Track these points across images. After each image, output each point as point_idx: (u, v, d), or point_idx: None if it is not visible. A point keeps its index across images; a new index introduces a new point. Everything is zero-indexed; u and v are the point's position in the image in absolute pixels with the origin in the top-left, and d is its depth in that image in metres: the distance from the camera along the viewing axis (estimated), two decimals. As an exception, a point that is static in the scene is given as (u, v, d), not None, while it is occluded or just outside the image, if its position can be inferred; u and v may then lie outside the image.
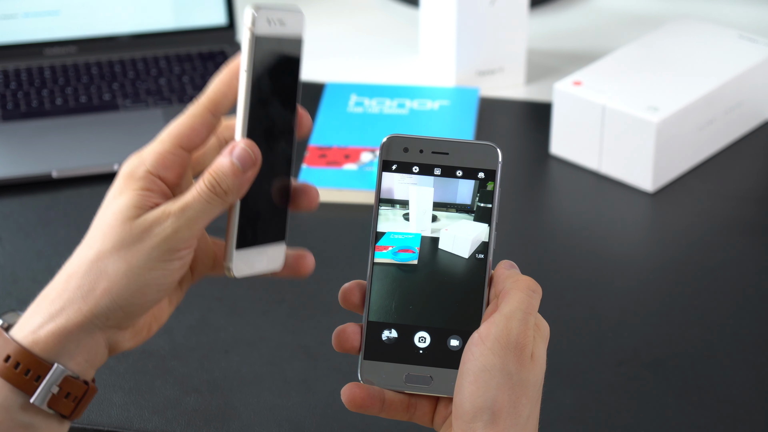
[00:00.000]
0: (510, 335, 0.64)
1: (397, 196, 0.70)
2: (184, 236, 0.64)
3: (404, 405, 0.68)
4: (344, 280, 1.00)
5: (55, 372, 0.64)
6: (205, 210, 0.64)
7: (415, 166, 0.69)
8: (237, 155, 0.65)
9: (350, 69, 1.33)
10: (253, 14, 0.66)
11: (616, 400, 0.86)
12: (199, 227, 0.65)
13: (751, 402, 0.85)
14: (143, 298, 0.65)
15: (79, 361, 0.65)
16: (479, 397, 0.64)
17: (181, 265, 0.65)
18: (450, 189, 0.69)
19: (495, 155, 0.69)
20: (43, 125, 1.20)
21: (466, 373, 0.64)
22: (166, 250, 0.64)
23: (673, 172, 1.11)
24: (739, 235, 1.04)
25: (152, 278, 0.64)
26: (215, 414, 0.85)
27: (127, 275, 0.64)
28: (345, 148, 1.15)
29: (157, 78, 1.27)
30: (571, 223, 1.09)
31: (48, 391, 0.64)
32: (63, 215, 1.10)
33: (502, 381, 0.64)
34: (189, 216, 0.64)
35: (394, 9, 1.47)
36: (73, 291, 0.65)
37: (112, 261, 0.65)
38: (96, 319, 0.64)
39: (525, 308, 0.66)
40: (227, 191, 0.65)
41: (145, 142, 1.29)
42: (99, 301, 0.64)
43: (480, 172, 0.69)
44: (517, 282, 0.67)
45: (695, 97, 1.09)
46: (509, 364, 0.64)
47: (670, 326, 0.93)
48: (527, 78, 1.30)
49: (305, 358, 0.90)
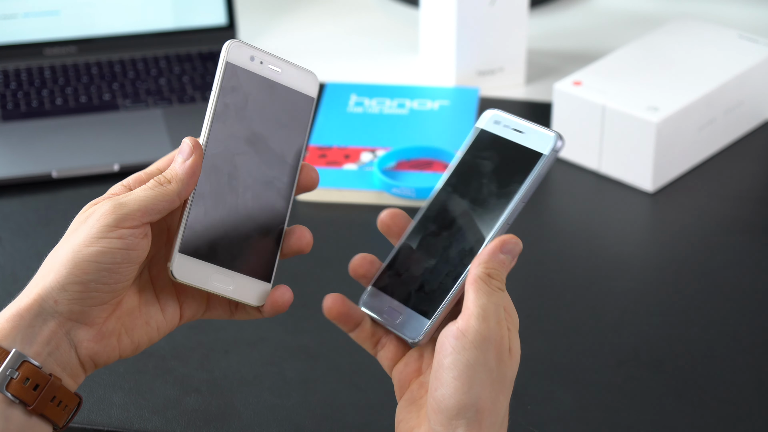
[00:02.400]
0: (490, 329, 0.64)
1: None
2: (122, 213, 0.66)
3: (376, 338, 0.72)
4: (344, 280, 1.01)
5: (11, 356, 0.64)
6: (145, 195, 0.67)
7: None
8: (180, 149, 0.69)
9: (350, 69, 1.33)
10: (229, 43, 0.71)
11: (616, 400, 0.86)
12: (137, 209, 0.66)
13: (751, 402, 0.85)
14: (84, 275, 0.65)
15: (39, 350, 0.65)
16: (465, 393, 0.64)
17: (120, 246, 0.65)
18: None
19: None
20: (43, 125, 1.20)
21: (448, 367, 0.64)
22: (104, 225, 0.65)
23: (673, 172, 1.11)
24: (739, 235, 1.04)
25: (90, 254, 0.65)
26: (215, 414, 0.85)
27: (68, 253, 0.65)
28: (345, 148, 1.15)
29: (157, 78, 1.27)
30: (571, 223, 1.09)
31: (5, 375, 0.64)
32: (63, 215, 1.09)
33: (485, 377, 0.64)
34: (130, 198, 0.66)
35: (394, 9, 1.47)
36: (30, 283, 0.67)
37: (61, 247, 0.67)
38: (45, 302, 0.65)
39: (497, 301, 0.66)
40: (170, 179, 0.67)
41: (145, 142, 1.29)
42: (45, 281, 0.66)
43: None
44: (486, 275, 0.67)
45: (695, 97, 1.09)
46: (490, 359, 0.64)
47: (670, 326, 0.93)
48: (527, 78, 1.30)
49: (305, 358, 0.90)
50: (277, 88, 0.73)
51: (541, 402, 0.86)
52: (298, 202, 1.09)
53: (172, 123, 1.20)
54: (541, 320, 0.94)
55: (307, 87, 0.74)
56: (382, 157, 1.12)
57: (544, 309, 0.95)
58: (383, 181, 1.08)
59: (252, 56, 0.72)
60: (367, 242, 1.05)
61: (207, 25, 1.34)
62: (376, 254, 0.75)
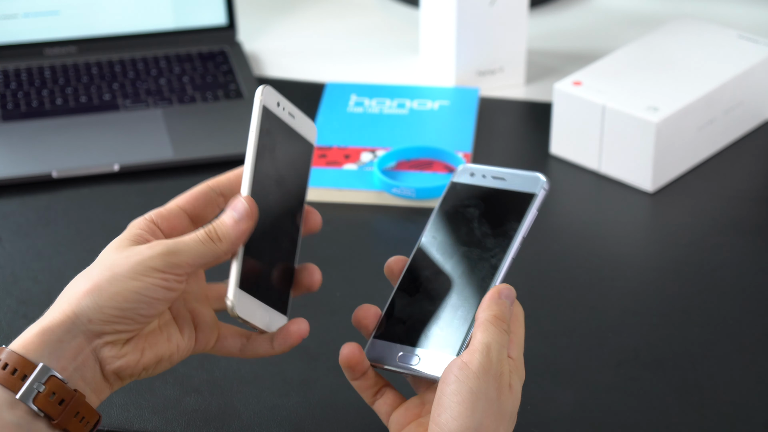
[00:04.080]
0: (492, 363, 0.69)
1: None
2: (170, 261, 0.69)
3: (376, 387, 0.75)
4: (344, 280, 1.01)
5: (39, 370, 0.66)
6: (196, 249, 0.70)
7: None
8: (234, 206, 0.71)
9: (350, 69, 1.33)
10: (263, 87, 0.74)
11: (616, 400, 0.86)
12: (187, 261, 0.69)
13: (751, 402, 0.85)
14: (122, 302, 0.68)
15: (66, 366, 0.67)
16: (468, 418, 0.67)
17: (163, 285, 0.69)
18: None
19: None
20: (43, 125, 1.20)
21: (452, 394, 0.68)
22: (150, 267, 0.68)
23: (673, 172, 1.11)
24: (739, 235, 1.04)
25: (132, 286, 0.68)
26: (215, 414, 0.85)
27: (109, 279, 0.68)
28: (345, 148, 1.15)
29: (157, 78, 1.27)
30: (571, 223, 1.09)
31: (32, 388, 0.66)
32: (63, 215, 1.10)
33: (487, 406, 0.68)
34: (179, 248, 0.69)
35: (394, 9, 1.47)
36: (61, 297, 0.69)
37: (98, 270, 0.69)
38: (78, 319, 0.68)
39: (500, 341, 0.70)
40: (222, 237, 0.70)
41: (145, 142, 1.29)
42: (81, 301, 0.68)
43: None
44: (494, 317, 0.71)
45: (695, 97, 1.09)
46: (491, 390, 0.68)
47: (670, 326, 0.93)
48: (527, 78, 1.30)
49: (305, 358, 0.90)
50: (292, 134, 0.77)
51: (541, 402, 0.86)
52: (298, 202, 1.10)
53: (172, 123, 1.20)
54: (541, 320, 0.94)
55: (311, 135, 0.79)
56: (382, 157, 1.12)
57: (544, 309, 0.95)
58: (383, 181, 1.08)
59: (278, 102, 0.76)
60: (367, 242, 1.05)
61: (207, 25, 1.34)
62: (376, 254, 0.75)
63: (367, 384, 0.76)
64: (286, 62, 1.35)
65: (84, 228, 1.08)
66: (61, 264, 1.03)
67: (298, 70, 1.33)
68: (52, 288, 0.99)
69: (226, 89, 1.25)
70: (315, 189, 1.09)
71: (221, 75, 1.28)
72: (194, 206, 0.74)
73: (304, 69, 1.33)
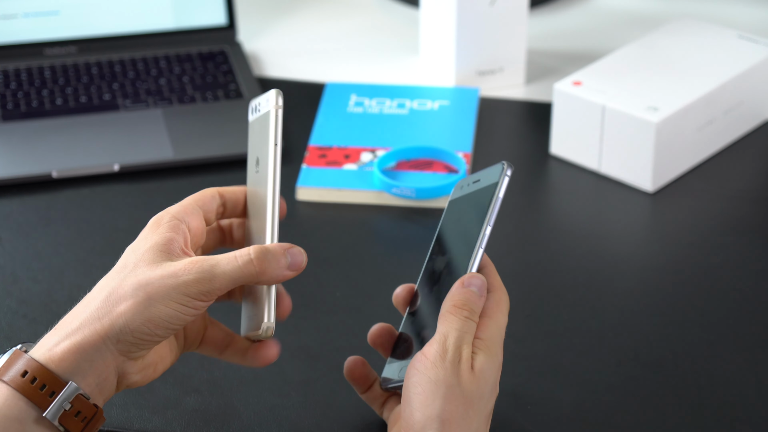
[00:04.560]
0: (447, 350, 0.69)
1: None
2: (204, 289, 0.69)
3: (383, 399, 0.78)
4: (344, 280, 1.01)
5: (68, 389, 0.67)
6: (235, 273, 0.70)
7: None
8: (292, 253, 0.72)
9: (350, 69, 1.33)
10: (276, 91, 0.75)
11: (616, 400, 0.86)
12: (223, 285, 0.69)
13: (751, 402, 0.85)
14: (153, 329, 0.68)
15: (90, 382, 0.68)
16: (428, 406, 0.68)
17: (193, 312, 0.69)
18: None
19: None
20: (43, 125, 1.20)
21: (413, 386, 0.69)
22: (185, 294, 0.68)
23: (673, 172, 1.11)
24: (739, 235, 1.04)
25: (165, 314, 0.68)
26: (215, 414, 0.85)
27: (143, 303, 0.68)
28: (345, 148, 1.15)
29: (157, 78, 1.27)
30: (571, 223, 1.09)
31: (60, 407, 0.67)
32: (63, 215, 1.10)
33: (448, 392, 0.68)
34: (216, 273, 0.69)
35: (394, 9, 1.47)
36: (92, 313, 0.69)
37: (133, 289, 0.68)
38: (108, 340, 0.68)
39: (459, 327, 0.70)
40: (264, 272, 0.70)
41: (145, 142, 1.29)
42: (114, 322, 0.68)
43: None
44: (452, 306, 0.72)
45: (695, 97, 1.09)
46: (450, 376, 0.69)
47: (670, 326, 0.93)
48: (527, 78, 1.30)
49: (305, 358, 0.90)
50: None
51: (541, 402, 0.86)
52: (297, 202, 1.09)
53: (172, 123, 1.20)
54: (541, 320, 0.94)
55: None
56: (382, 157, 1.12)
57: (544, 309, 0.95)
58: (383, 181, 1.08)
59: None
60: (367, 242, 1.05)
61: (207, 25, 1.34)
62: (376, 254, 0.75)
63: (374, 395, 0.78)
64: (286, 62, 1.35)
65: (84, 228, 1.08)
66: (61, 264, 1.03)
67: (298, 70, 1.33)
68: (52, 288, 0.99)
69: (226, 89, 1.25)
70: (315, 189, 1.09)
71: (221, 75, 1.28)
72: (208, 206, 0.76)
73: (304, 69, 1.33)
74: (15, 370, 0.67)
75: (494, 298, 0.73)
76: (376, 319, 0.82)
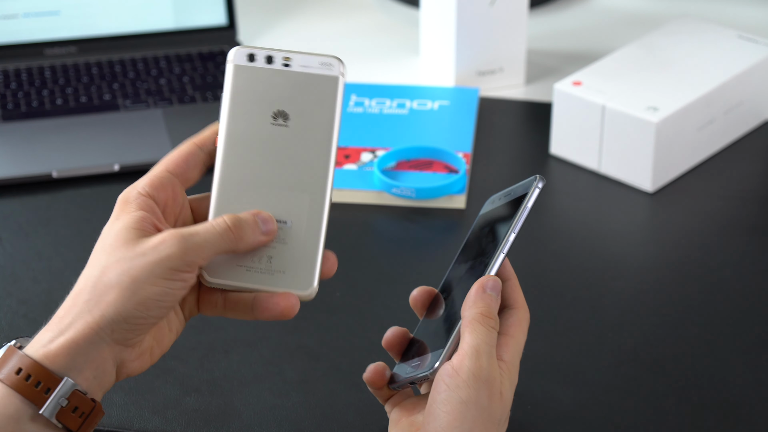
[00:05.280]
0: (482, 369, 0.68)
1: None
2: (188, 259, 0.67)
3: (390, 393, 0.76)
4: (344, 280, 1.01)
5: (64, 385, 0.66)
6: (214, 241, 0.68)
7: None
8: (262, 217, 0.70)
9: (350, 69, 1.33)
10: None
11: (616, 400, 0.86)
12: (204, 255, 0.68)
13: (751, 402, 0.85)
14: (146, 311, 0.67)
15: (87, 376, 0.67)
16: (456, 428, 0.67)
17: (182, 286, 0.67)
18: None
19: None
20: (43, 125, 1.21)
21: (442, 403, 0.67)
22: (169, 269, 0.67)
23: (672, 172, 1.11)
24: (739, 235, 1.04)
25: (154, 293, 0.66)
26: (215, 414, 0.85)
27: (130, 288, 0.66)
28: (345, 148, 1.15)
29: (157, 78, 1.27)
30: (571, 223, 1.09)
31: (57, 403, 0.66)
32: (63, 215, 1.10)
33: (477, 415, 0.67)
34: (198, 243, 0.67)
35: (394, 9, 1.47)
36: (81, 306, 0.67)
37: (116, 275, 0.67)
38: (102, 331, 0.67)
39: (489, 341, 0.69)
40: (242, 238, 0.69)
41: (145, 142, 1.29)
42: (105, 312, 0.66)
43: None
44: (480, 314, 0.70)
45: (695, 97, 1.09)
46: (482, 398, 0.67)
47: (670, 326, 0.93)
48: (527, 78, 1.30)
49: (305, 358, 0.90)
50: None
51: (541, 402, 0.86)
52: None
53: (173, 123, 1.20)
54: (541, 320, 0.94)
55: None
56: (382, 157, 1.12)
57: (544, 309, 0.95)
58: (383, 181, 1.08)
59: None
60: (367, 242, 1.05)
61: (207, 25, 1.34)
62: (376, 254, 0.75)
63: (383, 391, 0.77)
64: (286, 62, 1.34)
65: (84, 228, 1.08)
66: (61, 264, 1.03)
67: (298, 70, 1.33)
68: (52, 288, 0.99)
69: (226, 89, 1.25)
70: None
71: (221, 75, 1.28)
72: (183, 168, 0.72)
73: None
74: (9, 367, 0.66)
75: (516, 316, 0.73)
76: (376, 319, 0.82)
